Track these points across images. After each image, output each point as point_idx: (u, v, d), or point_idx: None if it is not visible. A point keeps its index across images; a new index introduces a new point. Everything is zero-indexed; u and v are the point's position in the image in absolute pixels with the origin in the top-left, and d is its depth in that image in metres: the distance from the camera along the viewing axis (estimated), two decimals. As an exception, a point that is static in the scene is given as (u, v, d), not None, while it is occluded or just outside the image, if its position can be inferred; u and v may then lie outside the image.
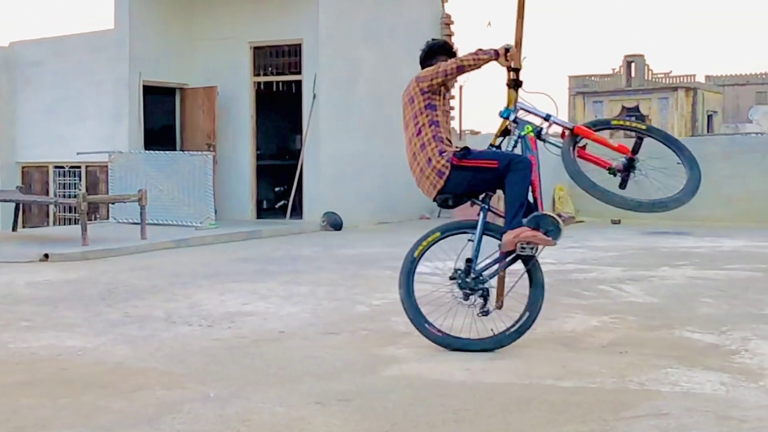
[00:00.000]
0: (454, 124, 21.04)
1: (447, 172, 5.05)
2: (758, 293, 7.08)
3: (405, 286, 5.14)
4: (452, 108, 17.68)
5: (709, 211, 14.44)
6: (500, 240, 5.09)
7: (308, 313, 6.31)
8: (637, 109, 54.82)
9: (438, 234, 5.22)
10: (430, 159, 5.10)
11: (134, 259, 9.72)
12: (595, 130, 5.23)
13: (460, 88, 22.85)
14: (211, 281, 8.00)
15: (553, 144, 5.19)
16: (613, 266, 8.85)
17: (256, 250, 10.68)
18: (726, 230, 12.90)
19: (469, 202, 5.33)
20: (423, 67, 5.47)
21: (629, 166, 5.03)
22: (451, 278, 5.17)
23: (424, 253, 5.21)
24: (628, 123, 5.47)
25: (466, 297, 5.12)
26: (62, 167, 15.45)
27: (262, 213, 14.82)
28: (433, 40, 5.76)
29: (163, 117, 14.90)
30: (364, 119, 14.83)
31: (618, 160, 5.06)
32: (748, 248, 10.51)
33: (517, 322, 5.10)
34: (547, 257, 9.55)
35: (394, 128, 15.42)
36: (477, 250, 5.13)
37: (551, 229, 4.96)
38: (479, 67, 5.18)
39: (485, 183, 5.12)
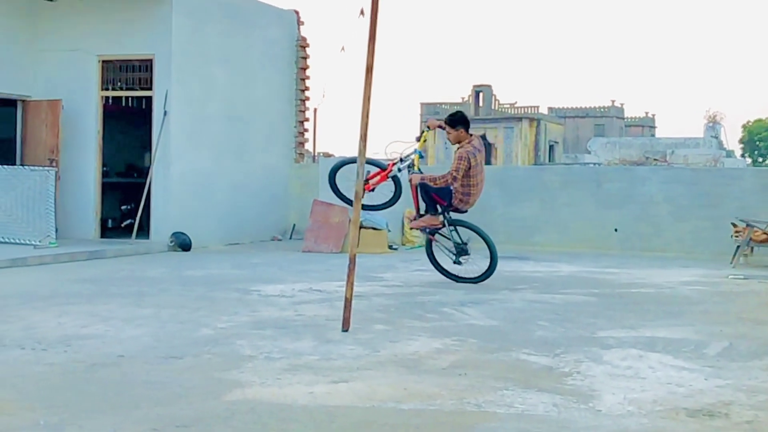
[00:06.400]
0: (308, 146, 21.10)
1: None
2: (591, 317, 7.43)
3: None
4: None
5: (548, 237, 15.11)
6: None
7: (150, 337, 6.14)
8: (484, 137, 56.64)
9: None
10: None
11: (-35, 279, 9.20)
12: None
13: (315, 110, 22.92)
14: (48, 303, 7.66)
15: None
16: (457, 289, 9.09)
17: (99, 271, 10.32)
18: (563, 255, 13.49)
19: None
20: (446, 122, 9.41)
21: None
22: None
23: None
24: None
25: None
26: None
27: (106, 232, 14.34)
28: (462, 113, 9.59)
29: (3, 130, 14.21)
30: (216, 138, 14.65)
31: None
32: (582, 273, 11.04)
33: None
34: (394, 280, 9.74)
35: (246, 148, 15.48)
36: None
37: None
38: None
39: None
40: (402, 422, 4.13)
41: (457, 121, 9.33)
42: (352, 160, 9.83)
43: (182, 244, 13.27)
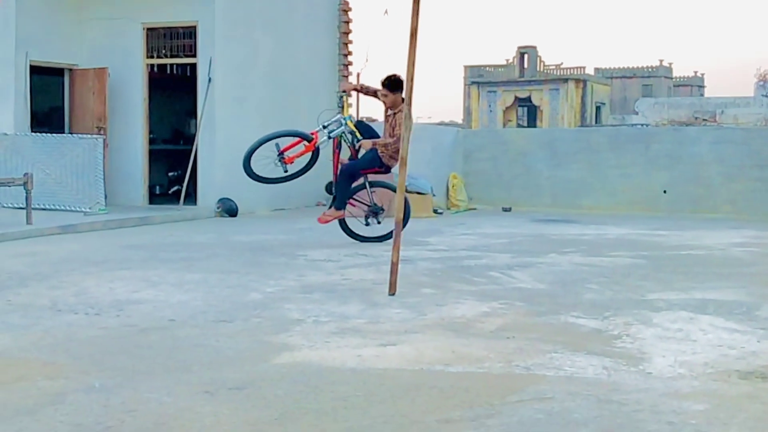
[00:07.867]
0: (353, 111, 21.04)
1: None
2: (640, 279, 7.36)
3: None
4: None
5: (596, 200, 14.96)
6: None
7: (200, 301, 6.22)
8: (529, 99, 56.11)
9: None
10: None
11: (19, 245, 9.39)
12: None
13: (358, 75, 22.82)
14: (100, 268, 7.79)
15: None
16: (503, 253, 9.05)
17: (148, 237, 10.46)
18: (611, 218, 13.36)
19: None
20: (385, 86, 9.40)
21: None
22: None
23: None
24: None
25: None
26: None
27: (154, 199, 14.51)
28: (400, 77, 9.19)
29: (51, 98, 14.40)
30: (261, 104, 14.68)
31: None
32: (631, 236, 10.92)
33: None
34: (439, 244, 9.73)
35: (290, 113, 15.48)
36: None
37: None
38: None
39: None
40: (450, 385, 4.13)
41: (398, 85, 9.26)
42: (267, 139, 9.74)
43: (229, 209, 13.39)
